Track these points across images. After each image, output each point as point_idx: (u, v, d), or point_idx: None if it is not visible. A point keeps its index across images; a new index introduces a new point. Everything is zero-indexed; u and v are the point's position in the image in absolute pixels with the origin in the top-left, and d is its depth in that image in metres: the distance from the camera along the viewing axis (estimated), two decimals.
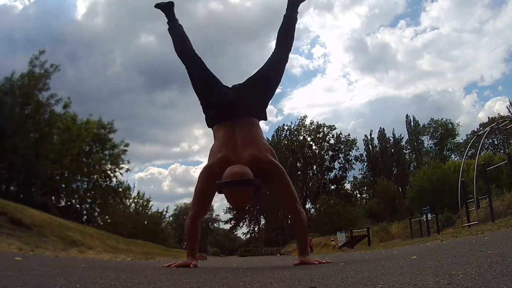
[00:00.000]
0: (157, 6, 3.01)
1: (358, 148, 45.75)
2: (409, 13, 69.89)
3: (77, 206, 23.61)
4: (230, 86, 2.62)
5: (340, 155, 46.70)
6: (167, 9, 2.93)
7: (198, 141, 74.80)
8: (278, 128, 49.40)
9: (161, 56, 63.82)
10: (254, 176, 2.05)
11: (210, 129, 2.58)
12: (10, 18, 44.23)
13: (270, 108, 70.87)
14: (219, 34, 65.65)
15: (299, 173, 45.79)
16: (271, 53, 2.72)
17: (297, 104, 72.74)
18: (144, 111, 59.85)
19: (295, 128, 47.45)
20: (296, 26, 2.83)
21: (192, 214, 2.38)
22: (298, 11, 2.79)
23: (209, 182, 2.24)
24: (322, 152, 46.69)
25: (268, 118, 2.70)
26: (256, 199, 2.27)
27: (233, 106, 2.44)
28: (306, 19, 69.81)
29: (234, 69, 68.45)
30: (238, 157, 2.19)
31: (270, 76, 2.67)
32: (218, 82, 2.65)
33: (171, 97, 70.90)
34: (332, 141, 46.66)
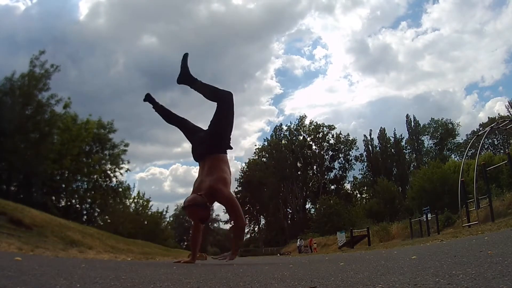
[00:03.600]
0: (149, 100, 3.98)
1: (358, 148, 45.79)
2: (410, 15, 69.84)
3: (77, 206, 23.54)
4: (202, 131, 3.76)
5: (340, 155, 46.70)
6: (150, 100, 3.98)
7: None
8: (275, 127, 49.42)
9: (163, 57, 63.82)
10: (208, 197, 3.21)
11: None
12: (12, 18, 44.32)
13: (272, 109, 71.13)
14: (221, 35, 65.71)
15: (299, 173, 45.76)
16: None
17: (299, 104, 72.87)
18: (146, 112, 59.73)
19: (294, 128, 47.48)
20: (298, 27, 3.23)
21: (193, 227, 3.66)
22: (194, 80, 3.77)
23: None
24: (322, 152, 46.67)
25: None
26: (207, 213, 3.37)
27: (200, 150, 3.60)
28: (308, 21, 70.00)
29: (236, 70, 68.57)
30: (202, 187, 3.32)
31: (214, 121, 3.67)
32: (194, 131, 3.79)
33: (173, 98, 70.81)
34: (332, 141, 46.68)
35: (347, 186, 46.34)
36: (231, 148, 3.64)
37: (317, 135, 46.71)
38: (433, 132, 42.13)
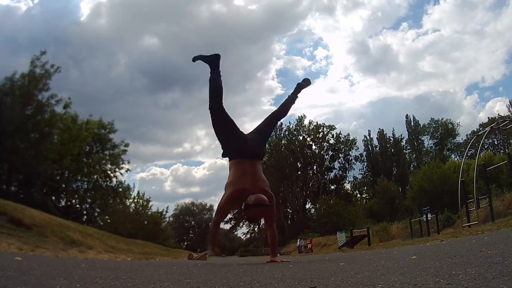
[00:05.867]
0: (200, 58, 3.67)
1: (358, 148, 45.76)
2: (411, 16, 69.91)
3: (77, 206, 23.53)
4: (246, 134, 3.65)
5: (340, 155, 46.67)
6: (213, 61, 3.65)
7: (200, 142, 74.66)
8: (275, 127, 49.33)
9: (165, 57, 63.93)
10: None
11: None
12: (13, 19, 44.36)
13: (273, 109, 70.87)
14: (222, 36, 65.65)
15: (299, 173, 45.72)
16: (272, 113, 3.90)
17: (299, 104, 72.70)
18: (147, 112, 59.90)
19: (293, 128, 47.49)
20: (299, 28, 3.36)
21: (216, 222, 3.60)
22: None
23: (232, 203, 3.39)
24: (322, 152, 46.64)
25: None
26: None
27: (251, 150, 3.44)
28: (309, 22, 70.01)
29: (237, 70, 68.51)
30: (254, 188, 3.19)
31: (269, 132, 3.96)
32: (238, 129, 3.58)
33: (174, 98, 70.93)
34: (332, 141, 46.65)
35: (347, 186, 46.31)
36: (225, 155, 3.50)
37: (317, 135, 46.69)
38: (433, 132, 42.11)
